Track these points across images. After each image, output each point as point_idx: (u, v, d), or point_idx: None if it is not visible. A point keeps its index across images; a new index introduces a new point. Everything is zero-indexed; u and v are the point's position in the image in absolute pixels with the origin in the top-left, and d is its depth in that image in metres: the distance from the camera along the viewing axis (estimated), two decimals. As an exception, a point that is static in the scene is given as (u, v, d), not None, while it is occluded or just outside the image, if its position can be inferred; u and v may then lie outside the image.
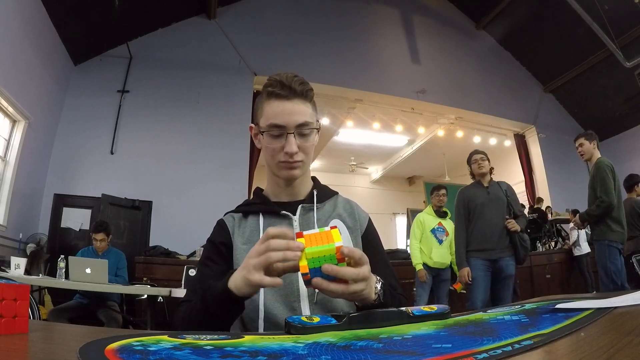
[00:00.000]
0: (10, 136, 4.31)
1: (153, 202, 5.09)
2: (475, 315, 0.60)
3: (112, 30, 5.22)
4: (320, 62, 6.16)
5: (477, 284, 2.99)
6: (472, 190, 3.18)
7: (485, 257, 2.99)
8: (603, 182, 2.96)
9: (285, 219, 0.89)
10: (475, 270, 3.00)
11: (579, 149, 3.20)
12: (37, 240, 4.32)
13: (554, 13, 6.46)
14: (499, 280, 3.01)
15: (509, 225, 2.96)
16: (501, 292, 3.01)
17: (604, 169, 2.98)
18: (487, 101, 7.28)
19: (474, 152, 3.25)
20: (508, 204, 3.07)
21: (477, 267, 3.00)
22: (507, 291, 3.00)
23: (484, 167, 3.14)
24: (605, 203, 2.92)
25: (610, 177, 2.96)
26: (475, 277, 3.00)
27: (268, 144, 0.84)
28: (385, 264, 0.90)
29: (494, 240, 2.98)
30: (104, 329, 0.59)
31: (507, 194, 3.10)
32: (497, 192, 3.10)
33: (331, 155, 8.93)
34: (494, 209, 3.03)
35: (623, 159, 7.56)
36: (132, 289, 3.23)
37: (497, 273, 3.00)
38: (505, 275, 2.98)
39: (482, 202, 3.07)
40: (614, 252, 2.92)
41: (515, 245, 2.99)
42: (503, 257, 2.98)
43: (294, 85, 0.83)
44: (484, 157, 3.18)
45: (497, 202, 3.05)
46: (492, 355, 0.34)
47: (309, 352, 0.38)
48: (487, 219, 3.02)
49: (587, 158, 3.18)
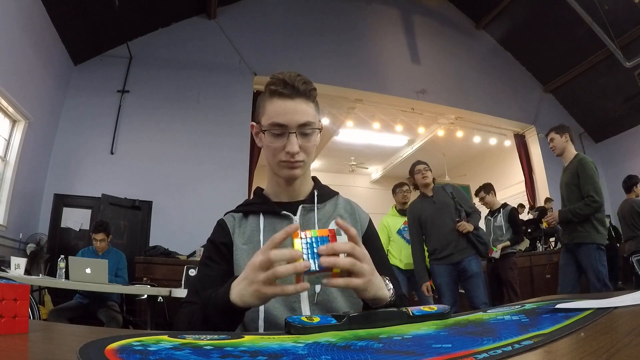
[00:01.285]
0: (10, 136, 4.31)
1: (153, 202, 5.08)
2: (475, 315, 0.60)
3: (112, 30, 5.22)
4: (320, 62, 6.16)
5: (443, 289, 3.04)
6: (420, 204, 3.23)
7: (447, 263, 3.03)
8: (593, 181, 2.80)
9: (285, 219, 0.88)
10: (439, 277, 3.05)
11: (550, 144, 3.03)
12: (37, 240, 4.31)
13: (554, 13, 6.45)
14: (467, 280, 3.03)
15: (460, 228, 3.00)
16: (473, 292, 3.02)
17: (591, 167, 2.84)
18: (487, 101, 7.28)
19: (417, 163, 3.29)
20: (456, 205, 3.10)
21: (440, 274, 3.04)
22: (478, 290, 3.00)
23: (428, 177, 3.20)
24: (597, 203, 2.75)
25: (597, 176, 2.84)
26: (439, 283, 3.05)
27: (269, 143, 0.84)
28: (385, 265, 0.90)
29: (452, 246, 3.02)
30: (104, 329, 0.59)
31: (453, 196, 3.13)
32: (442, 198, 3.15)
33: (331, 155, 8.93)
34: (443, 216, 3.08)
35: (623, 159, 7.57)
36: (132, 289, 3.23)
37: (462, 274, 3.03)
38: (471, 274, 3.00)
39: (431, 214, 3.11)
40: (603, 255, 2.78)
41: (472, 243, 3.02)
42: (464, 257, 3.01)
43: (298, 85, 0.82)
44: (427, 168, 3.23)
45: (445, 209, 3.10)
46: (492, 355, 0.34)
47: (309, 352, 0.38)
48: (438, 227, 3.07)
49: (559, 153, 3.00)
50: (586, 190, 2.79)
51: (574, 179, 2.88)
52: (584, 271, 2.82)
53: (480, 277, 3.04)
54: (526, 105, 7.70)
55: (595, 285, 2.72)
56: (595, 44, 6.23)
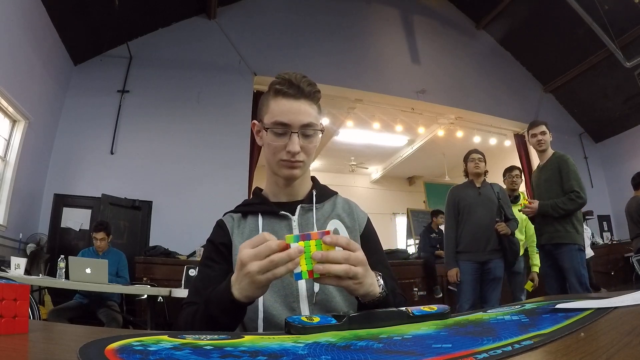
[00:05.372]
0: (10, 136, 4.31)
1: (153, 202, 5.08)
2: (475, 315, 0.60)
3: (112, 30, 5.22)
4: (320, 62, 6.16)
5: (465, 287, 2.97)
6: (463, 190, 3.14)
7: (474, 259, 2.96)
8: (577, 176, 2.72)
9: (284, 219, 0.89)
10: (463, 273, 2.97)
11: (541, 137, 2.89)
12: (37, 240, 4.31)
13: (554, 13, 6.45)
14: (487, 281, 2.98)
15: (499, 228, 2.92)
16: (489, 294, 2.97)
17: (574, 164, 2.79)
18: (487, 101, 7.28)
19: (473, 151, 3.19)
20: (500, 206, 3.02)
21: (466, 271, 2.97)
22: (495, 293, 2.95)
23: (480, 167, 3.11)
24: (582, 199, 2.66)
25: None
26: (463, 280, 2.97)
27: (271, 141, 0.84)
28: (384, 264, 0.90)
29: (483, 242, 2.94)
30: (104, 329, 0.59)
31: (499, 197, 3.06)
32: (488, 193, 3.06)
33: (331, 155, 8.93)
34: (484, 210, 2.99)
35: (623, 159, 7.57)
36: (132, 289, 3.23)
37: (486, 274, 2.97)
38: (494, 277, 2.95)
39: (473, 202, 3.02)
40: (584, 257, 2.70)
41: (504, 248, 2.95)
42: (492, 259, 2.94)
43: (303, 86, 0.83)
44: (482, 158, 3.14)
45: (488, 204, 3.01)
46: (492, 355, 0.34)
47: (309, 352, 0.38)
48: (476, 219, 2.98)
49: (545, 148, 2.91)
50: (570, 185, 2.70)
51: (555, 176, 2.80)
52: (565, 274, 2.70)
53: (500, 282, 2.99)
54: (526, 105, 7.70)
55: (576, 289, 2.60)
56: (595, 44, 6.24)
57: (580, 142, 8.02)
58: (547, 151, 2.94)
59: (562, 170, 2.77)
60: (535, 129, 2.93)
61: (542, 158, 2.97)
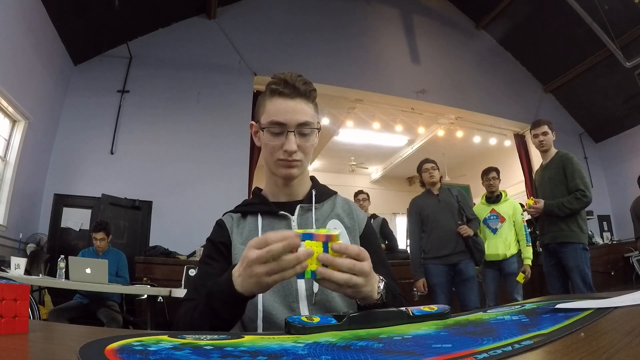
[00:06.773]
0: (10, 136, 4.31)
1: (153, 202, 5.08)
2: (475, 315, 0.60)
3: (112, 30, 5.22)
4: (320, 62, 6.16)
5: (437, 290, 3.03)
6: (423, 200, 3.23)
7: (444, 263, 3.02)
8: (582, 175, 2.70)
9: (283, 219, 0.89)
10: (435, 277, 3.04)
11: (542, 137, 2.87)
12: (37, 240, 4.32)
13: (554, 13, 6.45)
14: (461, 283, 3.03)
15: (462, 231, 3.00)
16: (467, 295, 3.01)
17: (578, 162, 2.77)
18: (487, 101, 7.27)
19: (425, 161, 3.27)
20: (459, 209, 3.10)
21: (437, 274, 3.03)
22: (472, 293, 2.99)
23: (435, 176, 3.20)
24: (587, 198, 2.63)
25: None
26: (435, 283, 3.04)
27: (268, 141, 0.84)
28: (384, 264, 0.90)
29: (451, 246, 3.02)
30: (104, 329, 0.59)
31: (458, 199, 3.14)
32: (447, 198, 3.15)
33: (331, 155, 8.93)
34: (446, 216, 3.08)
35: (623, 159, 7.57)
36: (132, 289, 3.23)
37: (458, 276, 3.03)
38: (467, 277, 3.01)
39: (434, 210, 3.11)
40: (588, 257, 2.68)
41: (470, 248, 3.02)
42: (461, 260, 3.01)
43: (298, 85, 0.83)
44: (435, 167, 3.23)
45: (449, 209, 3.10)
46: (492, 355, 0.34)
47: (309, 352, 0.38)
48: (440, 226, 3.06)
49: (547, 148, 2.89)
50: (575, 184, 2.68)
51: (559, 175, 2.78)
52: (569, 273, 2.69)
53: (475, 281, 3.05)
54: (526, 105, 7.70)
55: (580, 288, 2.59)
56: (595, 44, 6.23)
57: (580, 142, 8.02)
58: (550, 150, 2.93)
59: (566, 169, 2.77)
60: (537, 129, 2.93)
61: (546, 157, 2.96)
